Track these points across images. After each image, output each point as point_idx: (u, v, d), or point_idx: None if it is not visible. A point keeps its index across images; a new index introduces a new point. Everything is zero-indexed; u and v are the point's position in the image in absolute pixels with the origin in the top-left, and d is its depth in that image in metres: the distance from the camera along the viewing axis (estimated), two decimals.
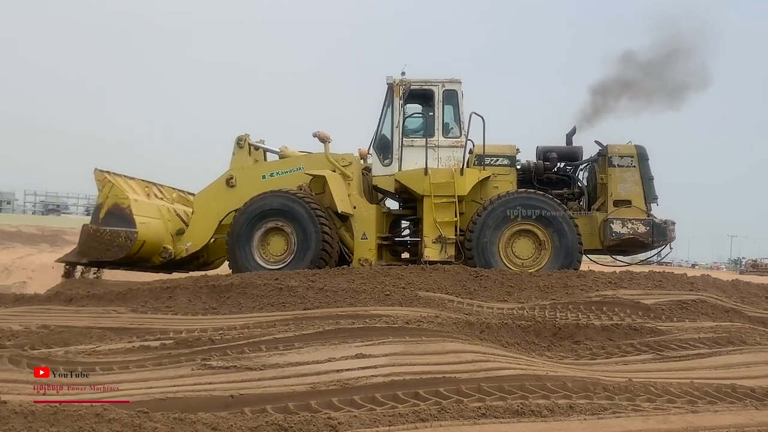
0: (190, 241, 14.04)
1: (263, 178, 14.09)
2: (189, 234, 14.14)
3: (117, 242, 13.22)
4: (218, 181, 14.19)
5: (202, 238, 14.10)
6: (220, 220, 14.03)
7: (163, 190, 15.27)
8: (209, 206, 14.14)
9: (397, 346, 6.63)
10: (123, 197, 13.40)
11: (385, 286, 10.38)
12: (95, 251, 13.38)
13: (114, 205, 13.39)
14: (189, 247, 14.02)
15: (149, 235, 13.58)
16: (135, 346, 6.94)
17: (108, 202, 13.45)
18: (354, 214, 13.45)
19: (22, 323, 8.47)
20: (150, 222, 13.72)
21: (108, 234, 13.26)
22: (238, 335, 7.35)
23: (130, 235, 13.20)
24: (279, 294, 10.00)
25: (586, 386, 5.51)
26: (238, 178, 14.09)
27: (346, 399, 5.05)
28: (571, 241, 12.92)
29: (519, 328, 7.98)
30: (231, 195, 14.01)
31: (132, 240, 13.18)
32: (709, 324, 8.85)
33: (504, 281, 11.19)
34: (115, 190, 13.49)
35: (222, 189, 14.10)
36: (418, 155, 13.53)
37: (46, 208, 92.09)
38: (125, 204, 13.35)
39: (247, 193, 13.83)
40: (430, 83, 13.89)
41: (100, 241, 13.31)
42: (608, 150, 13.84)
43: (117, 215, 13.34)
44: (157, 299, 10.26)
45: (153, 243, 13.71)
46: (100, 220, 13.47)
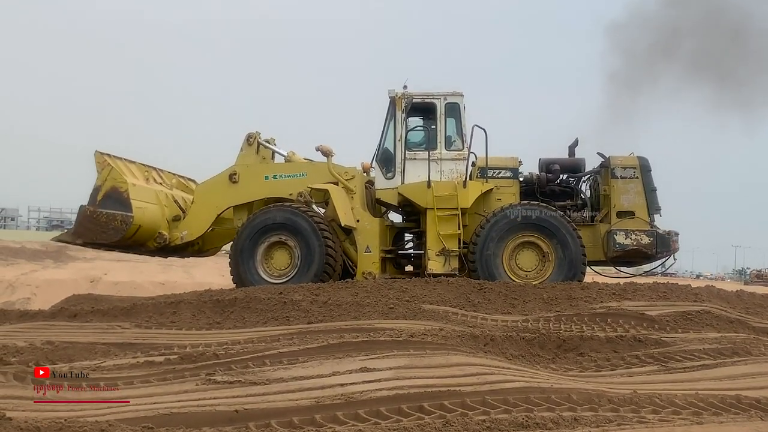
0: (186, 229, 14.10)
1: (266, 178, 14.12)
2: (186, 223, 14.21)
3: (113, 225, 13.29)
4: (221, 175, 14.20)
5: (199, 228, 14.16)
6: (218, 213, 14.11)
7: (163, 175, 15.35)
8: (209, 198, 14.22)
9: (401, 360, 6.62)
10: (121, 181, 13.46)
11: (389, 300, 10.38)
12: (91, 233, 13.49)
13: (112, 188, 13.45)
14: (185, 235, 14.08)
15: (145, 220, 13.64)
16: (139, 361, 6.94)
17: (106, 185, 13.50)
18: (357, 228, 13.45)
19: (26, 339, 8.48)
20: (147, 207, 13.78)
21: (104, 216, 13.33)
22: (242, 350, 7.35)
23: (126, 219, 13.27)
24: (283, 308, 9.99)
25: (590, 398, 5.49)
26: (242, 174, 14.10)
27: (351, 413, 5.05)
28: (575, 252, 12.91)
29: (523, 341, 7.97)
30: (232, 190, 14.07)
31: (127, 224, 13.25)
32: (714, 335, 8.84)
33: (508, 293, 11.18)
34: (114, 173, 13.54)
35: (224, 183, 14.13)
36: (421, 168, 13.56)
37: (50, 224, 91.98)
38: (123, 188, 13.42)
39: (248, 190, 14.00)
40: (432, 96, 13.94)
41: (97, 223, 13.39)
42: (611, 161, 13.85)
43: (114, 198, 13.41)
44: (162, 314, 10.26)
45: (149, 228, 13.78)
46: (97, 202, 13.52)
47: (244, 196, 14.05)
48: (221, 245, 15.66)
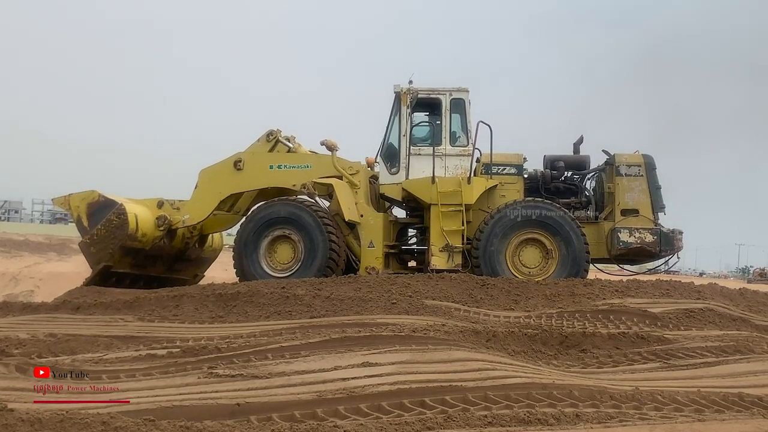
0: (188, 213, 14.04)
1: (270, 168, 14.08)
2: (188, 206, 14.15)
3: (114, 225, 13.23)
4: (226, 161, 14.15)
5: (201, 213, 14.09)
6: (220, 199, 14.06)
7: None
8: (212, 184, 14.14)
9: (403, 355, 6.62)
10: (88, 195, 13.57)
11: (391, 295, 10.38)
12: (104, 250, 13.32)
13: (87, 206, 13.53)
14: (186, 219, 14.02)
15: (135, 209, 13.61)
16: (142, 354, 6.95)
17: (81, 209, 13.57)
18: (361, 223, 13.44)
19: (29, 331, 8.49)
20: (127, 201, 13.78)
21: (102, 229, 13.27)
22: (245, 343, 7.35)
23: (118, 210, 13.27)
24: (285, 302, 10.01)
25: (592, 395, 5.49)
26: (247, 162, 14.07)
27: (353, 407, 5.05)
28: (579, 250, 12.90)
29: (525, 337, 7.96)
30: (236, 177, 14.04)
31: (123, 213, 13.23)
32: (717, 333, 8.83)
33: (510, 289, 11.18)
34: (74, 197, 13.66)
35: (228, 169, 14.08)
36: (425, 164, 13.55)
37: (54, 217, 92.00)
38: (94, 197, 13.52)
39: (252, 178, 14.02)
40: (438, 92, 13.91)
41: (101, 240, 13.30)
42: (616, 159, 13.84)
43: (95, 210, 13.44)
44: (164, 308, 10.27)
45: (145, 217, 13.70)
46: (87, 227, 13.51)
47: (247, 184, 14.07)
48: (221, 230, 15.60)
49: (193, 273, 15.63)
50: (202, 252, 15.46)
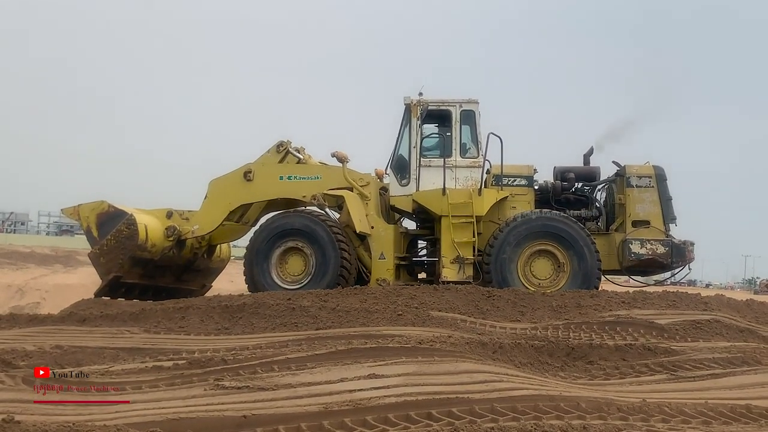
0: (197, 224, 14.05)
1: (281, 179, 14.09)
2: (198, 217, 14.16)
3: (123, 236, 13.29)
4: (236, 172, 14.16)
5: (210, 223, 14.09)
6: (230, 210, 14.06)
7: None
8: (222, 194, 14.15)
9: (409, 366, 6.61)
10: (97, 205, 13.65)
11: (397, 306, 10.37)
12: (114, 260, 13.36)
13: (96, 217, 13.60)
14: (196, 229, 14.03)
15: (144, 219, 13.67)
16: (148, 366, 6.95)
17: (90, 220, 13.65)
18: (372, 234, 13.43)
19: (35, 344, 8.51)
20: (137, 211, 13.84)
21: (112, 239, 13.33)
22: (251, 355, 7.35)
23: (128, 221, 13.33)
24: (291, 314, 10.01)
25: (600, 407, 5.47)
26: (257, 173, 14.08)
27: (359, 419, 5.04)
28: (591, 266, 12.84)
29: (532, 348, 7.95)
30: (246, 188, 14.06)
31: (133, 224, 13.29)
32: (724, 344, 8.80)
33: (517, 301, 11.16)
34: (84, 208, 13.74)
35: (238, 180, 14.09)
36: (436, 175, 13.54)
37: (60, 229, 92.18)
38: (104, 208, 13.60)
39: (262, 189, 14.03)
40: (448, 103, 13.92)
41: (111, 250, 13.36)
42: (626, 170, 13.82)
43: (105, 221, 13.51)
44: (170, 319, 10.28)
45: (154, 227, 13.73)
46: (97, 237, 13.57)
47: (257, 195, 14.08)
48: (230, 240, 15.61)
49: (201, 283, 15.66)
50: (210, 262, 15.47)
